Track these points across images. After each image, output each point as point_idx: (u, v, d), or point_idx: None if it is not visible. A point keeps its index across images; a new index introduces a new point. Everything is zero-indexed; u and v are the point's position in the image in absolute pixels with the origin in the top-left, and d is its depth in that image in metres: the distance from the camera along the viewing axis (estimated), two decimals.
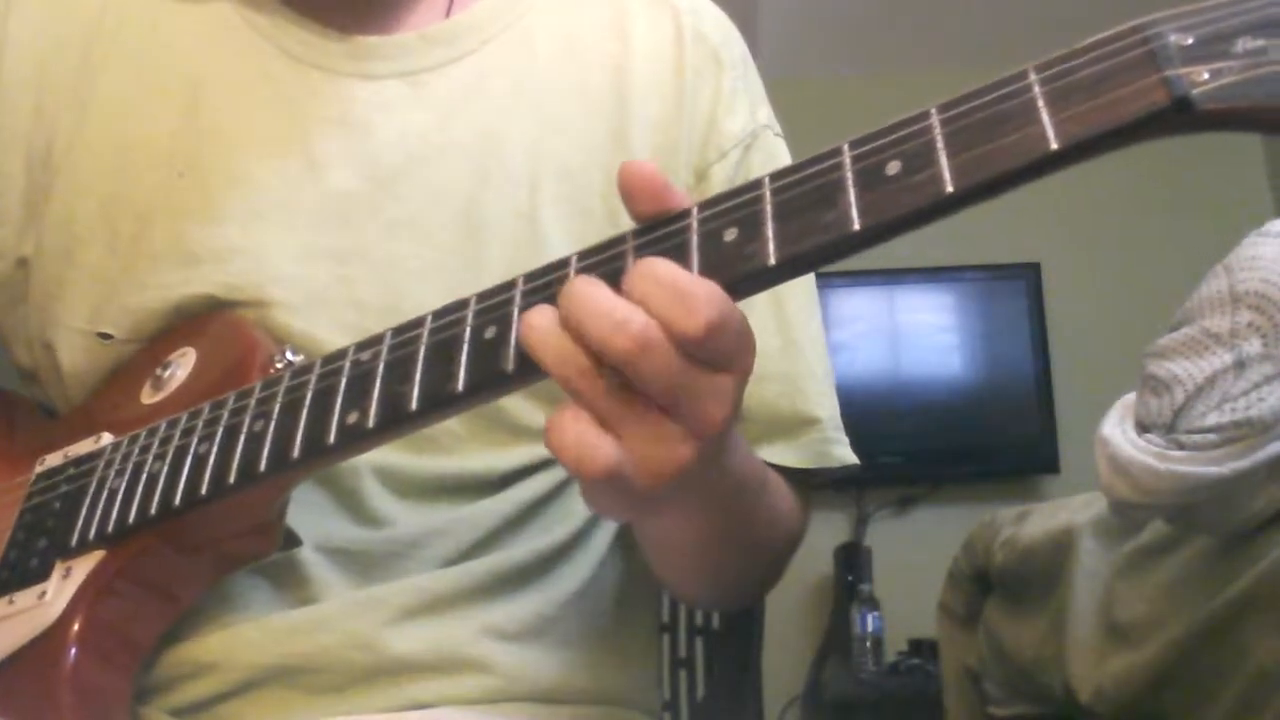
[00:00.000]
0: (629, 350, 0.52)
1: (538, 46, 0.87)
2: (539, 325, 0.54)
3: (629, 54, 0.88)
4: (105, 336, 0.80)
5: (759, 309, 0.85)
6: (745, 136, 0.89)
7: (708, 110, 0.88)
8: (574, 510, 0.84)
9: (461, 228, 0.81)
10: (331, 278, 0.79)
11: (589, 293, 0.53)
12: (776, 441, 0.84)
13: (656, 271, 0.53)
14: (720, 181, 0.87)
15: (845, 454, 0.87)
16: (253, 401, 0.68)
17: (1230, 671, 1.30)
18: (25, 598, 0.70)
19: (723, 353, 0.53)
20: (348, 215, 0.80)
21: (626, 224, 0.86)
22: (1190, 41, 0.48)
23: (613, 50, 0.88)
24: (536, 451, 0.81)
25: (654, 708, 0.90)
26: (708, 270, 0.54)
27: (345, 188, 0.80)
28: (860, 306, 3.48)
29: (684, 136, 0.86)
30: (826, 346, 0.90)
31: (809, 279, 0.90)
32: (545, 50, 0.87)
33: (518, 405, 0.80)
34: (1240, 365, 1.26)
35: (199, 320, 0.79)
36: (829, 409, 0.87)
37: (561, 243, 0.81)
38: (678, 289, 0.52)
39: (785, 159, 0.91)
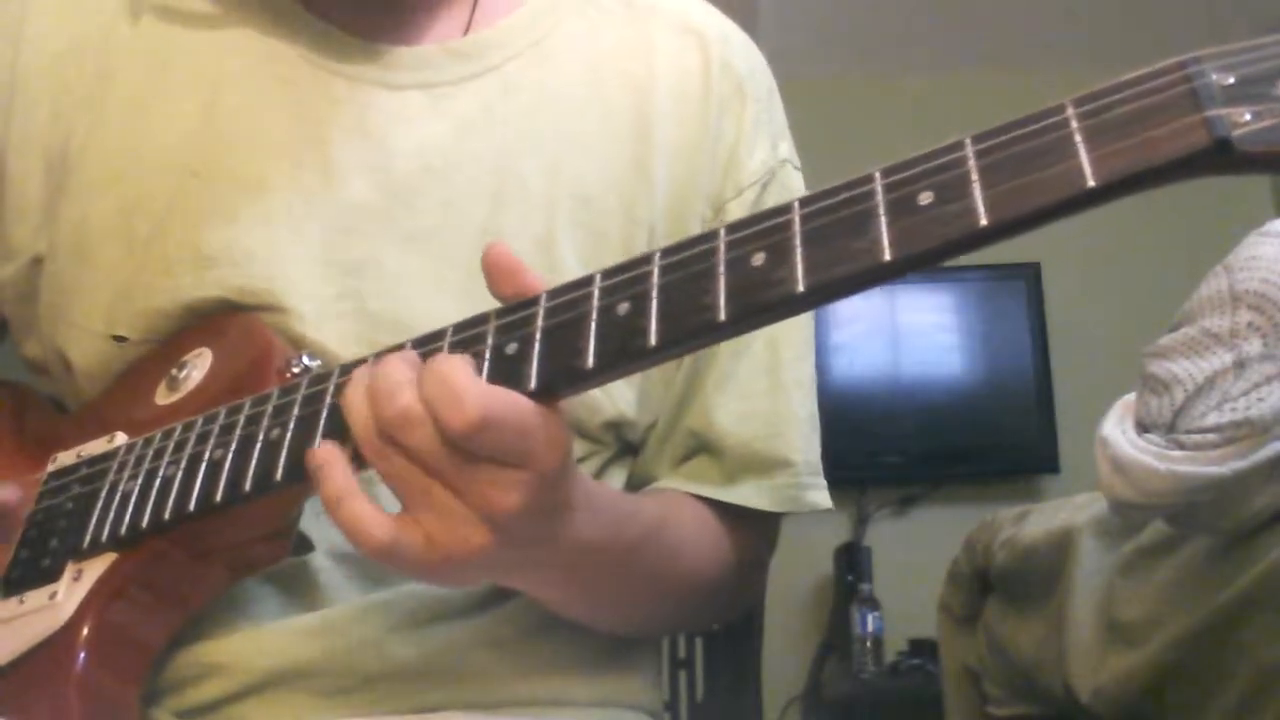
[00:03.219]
0: (392, 419, 0.57)
1: (560, 66, 0.86)
2: (352, 390, 0.60)
3: (653, 79, 0.86)
4: (120, 339, 0.80)
5: (755, 348, 0.85)
6: (764, 174, 0.87)
7: (730, 144, 0.87)
8: None
9: (478, 247, 0.80)
10: (342, 288, 0.78)
11: (387, 366, 0.59)
12: (749, 480, 0.84)
13: (440, 369, 0.57)
14: (734, 218, 0.86)
15: (817, 499, 0.87)
16: (269, 408, 0.67)
17: (1230, 671, 1.30)
18: (36, 598, 0.70)
19: (499, 450, 0.57)
20: (362, 226, 0.79)
21: (641, 252, 0.86)
22: (1232, 81, 0.47)
23: (637, 74, 0.86)
24: None
25: (657, 709, 0.89)
26: (734, 294, 0.54)
27: (360, 198, 0.80)
28: (860, 306, 3.48)
29: (704, 167, 0.85)
30: (815, 391, 0.90)
31: (808, 320, 0.90)
32: (568, 70, 0.86)
33: None
34: (1240, 365, 1.27)
35: (215, 320, 0.78)
36: (805, 453, 0.86)
37: (576, 268, 0.80)
38: (452, 387, 0.56)
39: (801, 193, 0.91)
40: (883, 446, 3.31)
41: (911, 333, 3.53)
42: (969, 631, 1.92)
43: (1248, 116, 0.46)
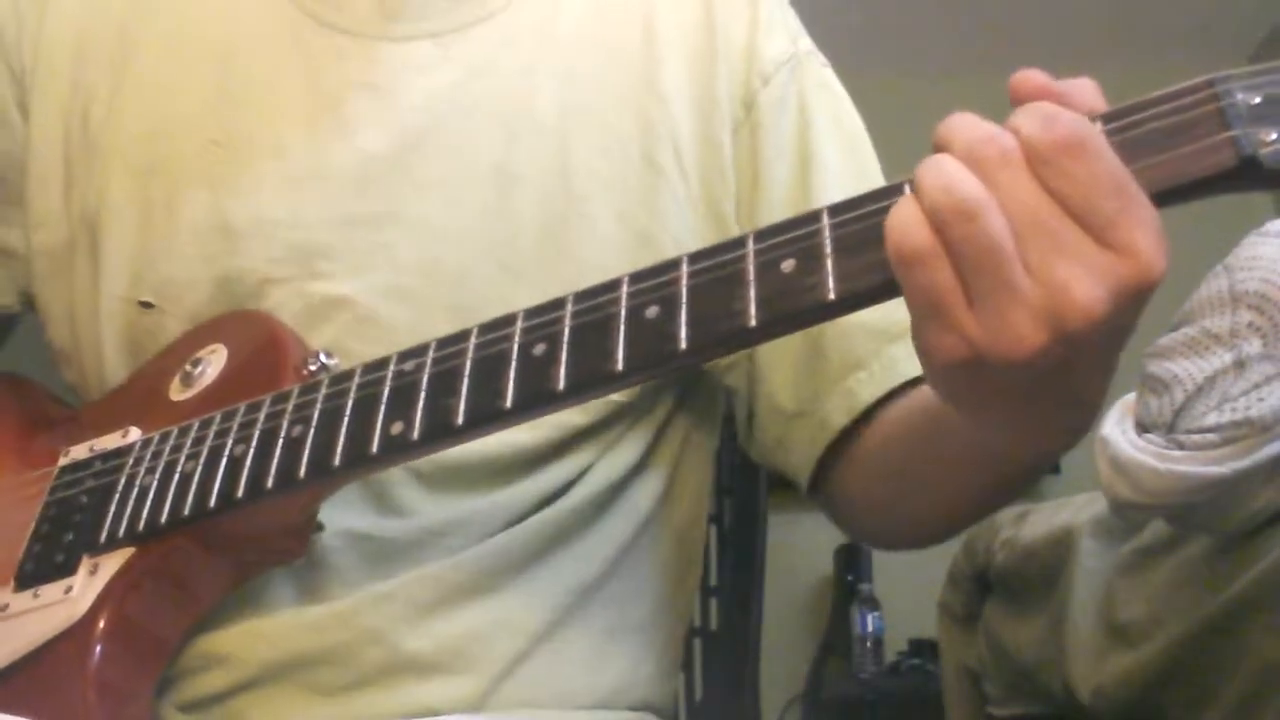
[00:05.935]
0: (993, 159, 0.48)
1: (563, 4, 0.88)
2: (903, 211, 0.49)
3: (655, 5, 0.88)
4: (146, 305, 0.81)
5: None
6: (787, 59, 0.88)
7: (744, 40, 0.88)
8: (595, 491, 0.83)
9: (492, 186, 0.81)
10: (370, 242, 0.79)
11: (964, 116, 0.50)
12: (889, 348, 0.80)
13: (1036, 105, 0.49)
14: (770, 108, 0.86)
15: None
16: (290, 406, 0.68)
17: (1230, 671, 1.30)
18: (51, 592, 0.70)
19: (1081, 189, 0.47)
20: (379, 178, 0.80)
21: (663, 163, 0.83)
22: (1258, 100, 0.48)
23: (640, 5, 0.88)
24: (558, 438, 0.80)
25: (668, 709, 0.89)
26: (765, 300, 0.54)
27: (375, 150, 0.81)
28: None
29: (721, 70, 0.86)
30: None
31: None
32: (571, 8, 0.88)
33: None
34: (1240, 365, 1.27)
35: (230, 316, 0.79)
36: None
37: (596, 190, 0.81)
38: (1043, 110, 0.49)
39: (837, 89, 0.91)
40: None
41: None
42: (969, 631, 1.92)
43: (1274, 135, 0.47)
